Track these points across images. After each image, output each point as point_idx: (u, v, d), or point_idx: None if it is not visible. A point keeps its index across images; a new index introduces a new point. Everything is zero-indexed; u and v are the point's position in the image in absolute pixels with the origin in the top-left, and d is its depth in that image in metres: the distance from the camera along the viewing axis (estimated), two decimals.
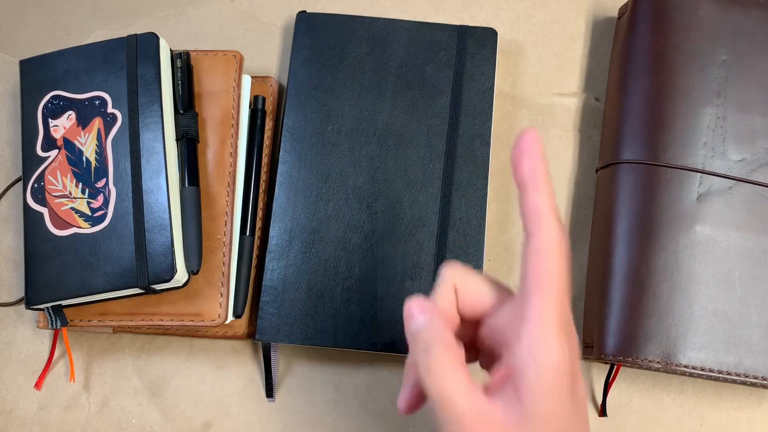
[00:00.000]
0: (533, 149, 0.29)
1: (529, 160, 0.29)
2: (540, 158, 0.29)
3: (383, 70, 0.52)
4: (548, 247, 0.28)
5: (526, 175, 0.29)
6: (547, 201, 0.29)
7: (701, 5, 0.49)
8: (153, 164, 0.46)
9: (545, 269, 0.28)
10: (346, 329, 0.47)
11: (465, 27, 0.53)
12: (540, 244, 0.28)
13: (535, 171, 0.29)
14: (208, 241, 0.47)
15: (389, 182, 0.50)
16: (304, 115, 0.52)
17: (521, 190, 0.29)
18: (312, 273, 0.48)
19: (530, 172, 0.29)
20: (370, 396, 0.49)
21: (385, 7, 0.57)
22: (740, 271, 0.45)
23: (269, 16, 0.58)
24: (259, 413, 0.49)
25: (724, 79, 0.48)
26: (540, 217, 0.28)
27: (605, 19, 0.57)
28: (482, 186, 0.50)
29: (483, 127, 0.51)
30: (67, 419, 0.49)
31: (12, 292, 0.52)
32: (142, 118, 0.47)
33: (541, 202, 0.28)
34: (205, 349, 0.50)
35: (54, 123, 0.48)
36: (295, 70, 0.52)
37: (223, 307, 0.47)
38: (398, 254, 0.49)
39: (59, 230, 0.46)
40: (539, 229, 0.28)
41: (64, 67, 0.49)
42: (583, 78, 0.55)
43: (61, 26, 0.58)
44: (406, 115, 0.51)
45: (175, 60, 0.50)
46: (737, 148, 0.47)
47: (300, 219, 0.49)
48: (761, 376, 0.44)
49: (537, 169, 0.29)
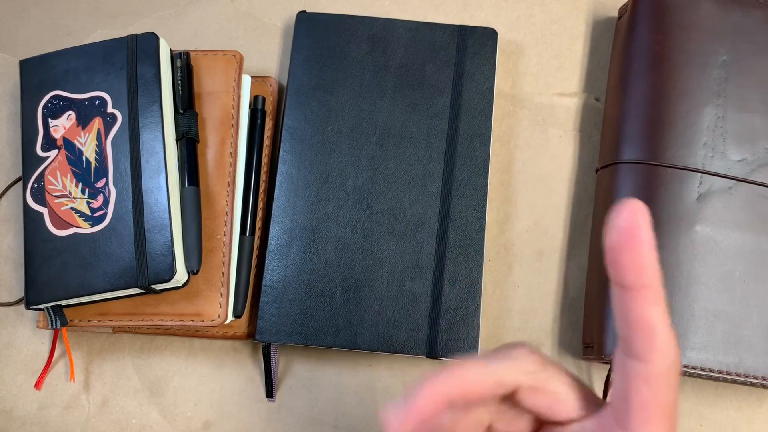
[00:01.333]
0: (643, 235, 0.21)
1: (638, 251, 0.21)
2: (653, 249, 0.21)
3: (383, 70, 0.52)
4: (663, 376, 0.22)
5: (633, 273, 0.21)
6: (663, 312, 0.22)
7: (701, 5, 0.49)
8: (153, 164, 0.46)
9: (657, 403, 0.22)
10: (346, 329, 0.47)
11: (465, 27, 0.53)
12: (652, 370, 0.22)
13: (648, 269, 0.21)
14: (208, 241, 0.47)
15: (389, 182, 0.50)
16: (304, 115, 0.52)
17: (623, 289, 0.22)
18: (312, 273, 0.48)
19: (640, 269, 0.21)
20: (370, 396, 0.49)
21: (385, 7, 0.57)
22: (740, 271, 0.45)
23: (269, 16, 0.58)
24: (259, 413, 0.49)
25: (724, 79, 0.48)
26: (654, 334, 0.22)
27: (605, 19, 0.57)
28: (482, 186, 0.50)
29: (483, 127, 0.51)
30: (67, 419, 0.49)
31: (12, 292, 0.52)
32: (142, 118, 0.47)
33: (656, 314, 0.22)
34: (205, 349, 0.50)
35: (54, 123, 0.48)
36: (295, 70, 0.52)
37: (223, 307, 0.47)
38: (398, 254, 0.49)
39: (59, 230, 0.46)
40: (652, 350, 0.22)
41: (64, 67, 0.49)
42: (583, 78, 0.55)
43: (61, 26, 0.58)
44: (406, 115, 0.51)
45: (175, 60, 0.50)
46: (737, 148, 0.47)
47: (300, 219, 0.49)
48: (761, 376, 0.44)
49: (650, 267, 0.21)
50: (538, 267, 0.51)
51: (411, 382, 0.27)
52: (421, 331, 0.47)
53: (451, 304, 0.48)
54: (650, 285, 0.22)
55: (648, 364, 0.22)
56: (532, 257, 0.51)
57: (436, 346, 0.47)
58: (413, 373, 0.49)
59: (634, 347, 0.22)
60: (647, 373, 0.22)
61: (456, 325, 0.47)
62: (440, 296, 0.48)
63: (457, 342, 0.47)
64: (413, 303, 0.48)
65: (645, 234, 0.21)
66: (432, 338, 0.47)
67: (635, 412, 0.23)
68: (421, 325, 0.47)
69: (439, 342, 0.47)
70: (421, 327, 0.47)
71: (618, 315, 0.23)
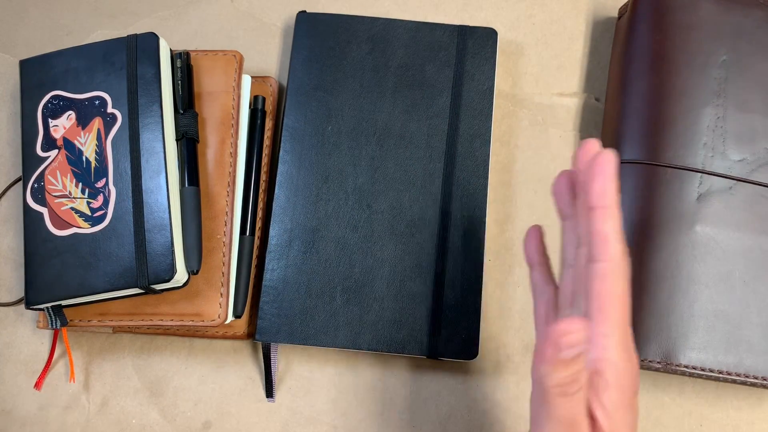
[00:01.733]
0: (607, 171, 0.29)
1: (601, 181, 0.29)
2: (614, 181, 0.29)
3: (383, 70, 0.52)
4: (613, 271, 0.29)
5: (596, 197, 0.29)
6: (615, 226, 0.29)
7: (701, 5, 0.49)
8: (153, 164, 0.46)
9: (609, 292, 0.29)
10: (346, 329, 0.47)
11: (465, 27, 0.53)
12: (605, 268, 0.29)
13: (606, 195, 0.29)
14: (208, 241, 0.47)
15: (389, 182, 0.50)
16: (304, 115, 0.52)
17: (588, 211, 0.29)
18: (312, 273, 0.48)
19: (601, 195, 0.29)
20: (370, 396, 0.49)
21: (385, 7, 0.57)
22: (740, 271, 0.45)
23: (269, 16, 0.58)
24: (259, 413, 0.49)
25: (724, 79, 0.48)
26: (607, 242, 0.29)
27: (605, 19, 0.57)
28: (482, 186, 0.50)
29: (483, 127, 0.51)
30: (67, 419, 0.49)
31: (12, 292, 0.52)
32: (142, 118, 0.47)
33: (609, 227, 0.29)
34: (205, 349, 0.50)
35: (54, 123, 0.48)
36: (295, 70, 0.52)
37: (223, 307, 0.47)
38: (398, 254, 0.49)
39: (59, 230, 0.46)
40: (605, 254, 0.29)
41: (64, 67, 0.49)
42: (583, 78, 0.55)
43: (61, 26, 0.58)
44: (406, 115, 0.51)
45: (175, 60, 0.50)
46: (737, 148, 0.47)
47: (300, 219, 0.49)
48: (761, 376, 0.44)
49: (609, 193, 0.29)
50: None
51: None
52: (421, 331, 0.47)
53: (451, 304, 0.48)
54: (610, 207, 0.29)
55: (602, 264, 0.29)
56: None
57: (436, 346, 0.47)
58: (413, 373, 0.49)
59: (593, 251, 0.29)
60: (602, 271, 0.29)
61: (456, 325, 0.47)
62: (440, 296, 0.48)
63: (457, 342, 0.47)
64: (413, 303, 0.48)
65: (611, 170, 0.29)
66: (432, 338, 0.47)
67: (594, 301, 0.29)
68: (421, 325, 0.47)
69: (439, 342, 0.47)
70: (421, 327, 0.47)
71: (583, 232, 0.30)
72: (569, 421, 0.28)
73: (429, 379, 0.49)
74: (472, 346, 0.47)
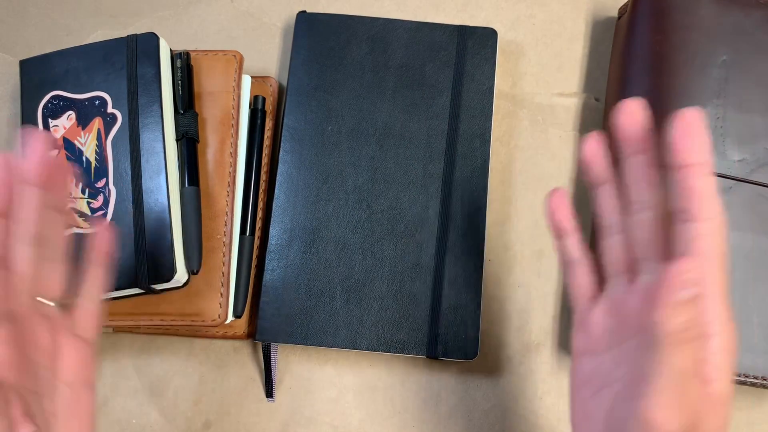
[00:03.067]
0: (698, 128, 0.28)
1: (693, 138, 0.28)
2: (705, 137, 0.28)
3: (383, 70, 0.52)
4: (717, 230, 0.28)
5: (691, 154, 0.28)
6: (713, 182, 0.28)
7: (701, 5, 0.49)
8: (153, 164, 0.46)
9: (715, 252, 0.28)
10: (346, 329, 0.47)
11: (465, 27, 0.53)
12: (708, 227, 0.28)
13: (702, 151, 0.28)
14: (208, 241, 0.47)
15: (389, 182, 0.50)
16: (304, 115, 0.52)
17: (680, 168, 0.28)
18: (312, 273, 0.48)
19: (696, 151, 0.28)
20: (369, 396, 0.49)
21: (385, 7, 0.57)
22: (740, 271, 0.45)
23: (269, 16, 0.58)
24: (259, 413, 0.49)
25: (724, 79, 0.48)
26: (708, 200, 0.28)
27: (605, 19, 0.57)
28: (482, 186, 0.50)
29: (483, 127, 0.51)
30: None
31: None
32: (142, 118, 0.47)
33: (707, 184, 0.28)
34: (205, 349, 0.50)
35: (54, 123, 0.48)
36: (295, 70, 0.52)
37: (223, 307, 0.47)
38: (398, 254, 0.49)
39: None
40: (707, 212, 0.28)
41: (64, 67, 0.49)
42: (583, 78, 0.55)
43: (61, 26, 0.58)
44: (406, 115, 0.51)
45: (175, 60, 0.50)
46: (737, 148, 0.47)
47: (300, 219, 0.49)
48: (761, 376, 0.44)
49: (703, 149, 0.28)
50: (538, 267, 0.51)
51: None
52: (421, 331, 0.47)
53: (451, 304, 0.48)
54: (705, 163, 0.28)
55: (704, 222, 0.28)
56: (532, 257, 0.51)
57: (436, 346, 0.47)
58: (413, 373, 0.49)
59: (694, 212, 0.28)
60: (706, 230, 0.28)
61: (456, 325, 0.47)
62: (440, 296, 0.48)
63: (457, 342, 0.47)
64: (413, 303, 0.48)
65: (701, 128, 0.28)
66: (432, 338, 0.47)
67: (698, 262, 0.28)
68: (421, 325, 0.47)
69: (439, 342, 0.47)
70: (421, 327, 0.47)
71: (676, 191, 0.29)
72: (684, 372, 0.27)
73: (429, 379, 0.49)
74: (472, 346, 0.47)
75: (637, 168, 0.32)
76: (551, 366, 0.49)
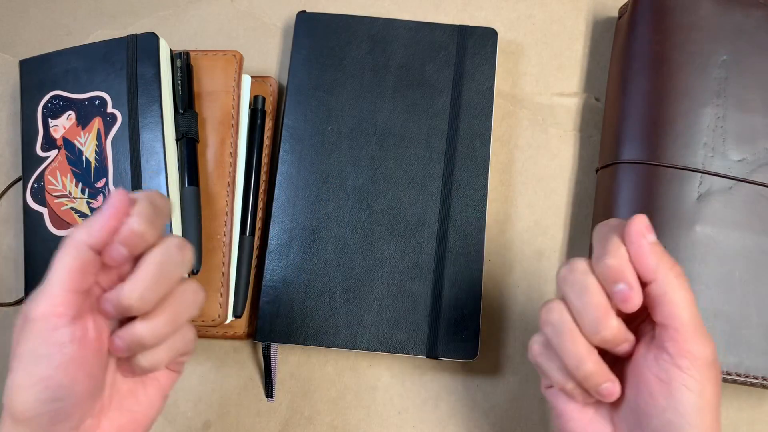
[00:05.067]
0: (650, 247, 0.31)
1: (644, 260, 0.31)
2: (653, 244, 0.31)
3: (383, 70, 0.52)
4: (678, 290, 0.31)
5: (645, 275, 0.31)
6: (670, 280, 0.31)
7: (701, 5, 0.49)
8: (153, 164, 0.46)
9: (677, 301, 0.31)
10: (346, 329, 0.47)
11: (465, 27, 0.53)
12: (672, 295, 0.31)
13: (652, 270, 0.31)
14: (208, 241, 0.47)
15: (389, 182, 0.50)
16: (304, 115, 0.52)
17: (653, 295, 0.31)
18: (312, 273, 0.48)
19: (648, 271, 0.31)
20: (370, 396, 0.49)
21: (385, 7, 0.57)
22: (740, 271, 0.45)
23: (269, 16, 0.58)
24: (259, 413, 0.49)
25: (724, 79, 0.48)
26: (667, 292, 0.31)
27: (605, 19, 0.57)
28: (482, 186, 0.50)
29: (483, 127, 0.51)
30: None
31: (12, 292, 0.52)
32: (142, 118, 0.47)
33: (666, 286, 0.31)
34: (205, 349, 0.50)
35: (54, 123, 0.48)
36: (295, 70, 0.52)
37: (223, 307, 0.47)
38: (398, 254, 0.49)
39: (59, 230, 0.46)
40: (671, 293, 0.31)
41: (64, 67, 0.49)
42: (583, 78, 0.55)
43: (61, 26, 0.58)
44: (406, 115, 0.51)
45: (175, 60, 0.50)
46: (737, 148, 0.47)
47: (300, 219, 0.49)
48: (761, 376, 0.44)
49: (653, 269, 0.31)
50: (538, 267, 0.51)
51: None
52: (421, 331, 0.47)
53: (451, 304, 0.48)
54: (656, 278, 0.31)
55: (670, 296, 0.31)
56: (532, 257, 0.51)
57: (436, 346, 0.47)
58: (413, 373, 0.49)
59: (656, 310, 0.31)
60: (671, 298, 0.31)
61: (456, 325, 0.47)
62: (440, 296, 0.48)
63: (457, 342, 0.47)
64: (413, 303, 0.48)
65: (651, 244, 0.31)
66: (432, 338, 0.47)
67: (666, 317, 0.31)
68: (421, 325, 0.47)
69: (439, 342, 0.47)
70: (421, 327, 0.47)
71: (649, 304, 0.31)
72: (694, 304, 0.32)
73: (429, 379, 0.49)
74: (472, 346, 0.47)
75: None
76: None
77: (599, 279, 0.31)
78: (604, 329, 0.31)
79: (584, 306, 0.31)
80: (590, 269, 0.32)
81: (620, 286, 0.30)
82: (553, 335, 0.32)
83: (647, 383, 0.31)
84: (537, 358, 0.34)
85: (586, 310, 0.31)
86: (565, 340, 0.31)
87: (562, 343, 0.32)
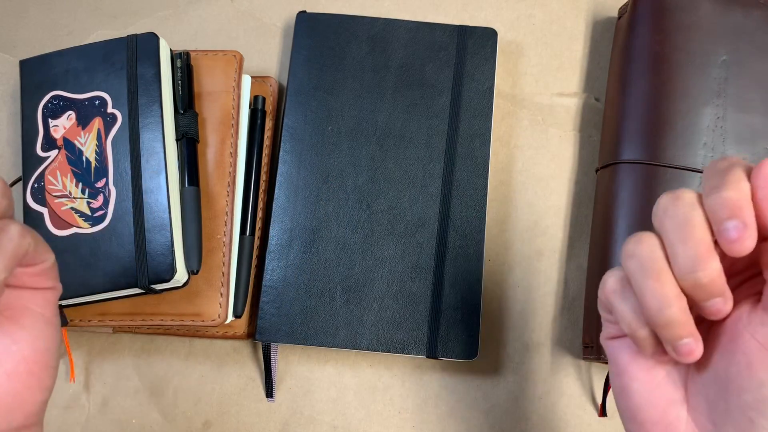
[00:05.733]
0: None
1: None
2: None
3: (383, 70, 0.52)
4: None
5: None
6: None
7: (701, 5, 0.49)
8: (153, 164, 0.46)
9: None
10: (346, 329, 0.47)
11: (465, 27, 0.53)
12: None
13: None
14: (208, 241, 0.48)
15: (389, 182, 0.50)
16: (304, 115, 0.52)
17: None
18: (312, 273, 0.48)
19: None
20: (369, 396, 0.49)
21: (385, 7, 0.57)
22: None
23: (269, 16, 0.58)
24: (259, 413, 0.49)
25: (724, 79, 0.48)
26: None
27: (605, 19, 0.57)
28: (482, 186, 0.50)
29: (483, 127, 0.51)
30: (67, 419, 0.49)
31: None
32: (142, 118, 0.47)
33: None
34: (205, 349, 0.50)
35: (54, 123, 0.48)
36: (295, 70, 0.52)
37: (223, 307, 0.47)
38: (398, 254, 0.49)
39: (59, 230, 0.46)
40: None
41: (64, 67, 0.49)
42: (583, 78, 0.55)
43: (61, 26, 0.58)
44: (406, 115, 0.51)
45: (175, 60, 0.50)
46: (737, 148, 0.47)
47: (300, 219, 0.49)
48: None
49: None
50: (538, 267, 0.51)
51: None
52: (421, 331, 0.47)
53: (451, 304, 0.48)
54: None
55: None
56: (532, 257, 0.51)
57: (436, 346, 0.47)
58: (413, 373, 0.49)
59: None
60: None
61: (456, 325, 0.47)
62: (440, 296, 0.48)
63: (457, 342, 0.47)
64: (413, 303, 0.48)
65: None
66: (432, 338, 0.47)
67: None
68: (421, 325, 0.47)
69: (439, 342, 0.47)
70: (421, 327, 0.47)
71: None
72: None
73: (429, 379, 0.49)
74: (472, 346, 0.47)
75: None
76: (551, 366, 0.49)
77: (708, 215, 0.26)
78: (702, 269, 0.25)
79: (683, 239, 0.25)
80: (699, 203, 0.26)
81: (734, 221, 0.25)
82: (636, 270, 0.27)
83: (746, 351, 0.26)
84: (609, 296, 0.29)
85: (686, 245, 0.25)
86: (651, 276, 0.26)
87: (646, 279, 0.26)
